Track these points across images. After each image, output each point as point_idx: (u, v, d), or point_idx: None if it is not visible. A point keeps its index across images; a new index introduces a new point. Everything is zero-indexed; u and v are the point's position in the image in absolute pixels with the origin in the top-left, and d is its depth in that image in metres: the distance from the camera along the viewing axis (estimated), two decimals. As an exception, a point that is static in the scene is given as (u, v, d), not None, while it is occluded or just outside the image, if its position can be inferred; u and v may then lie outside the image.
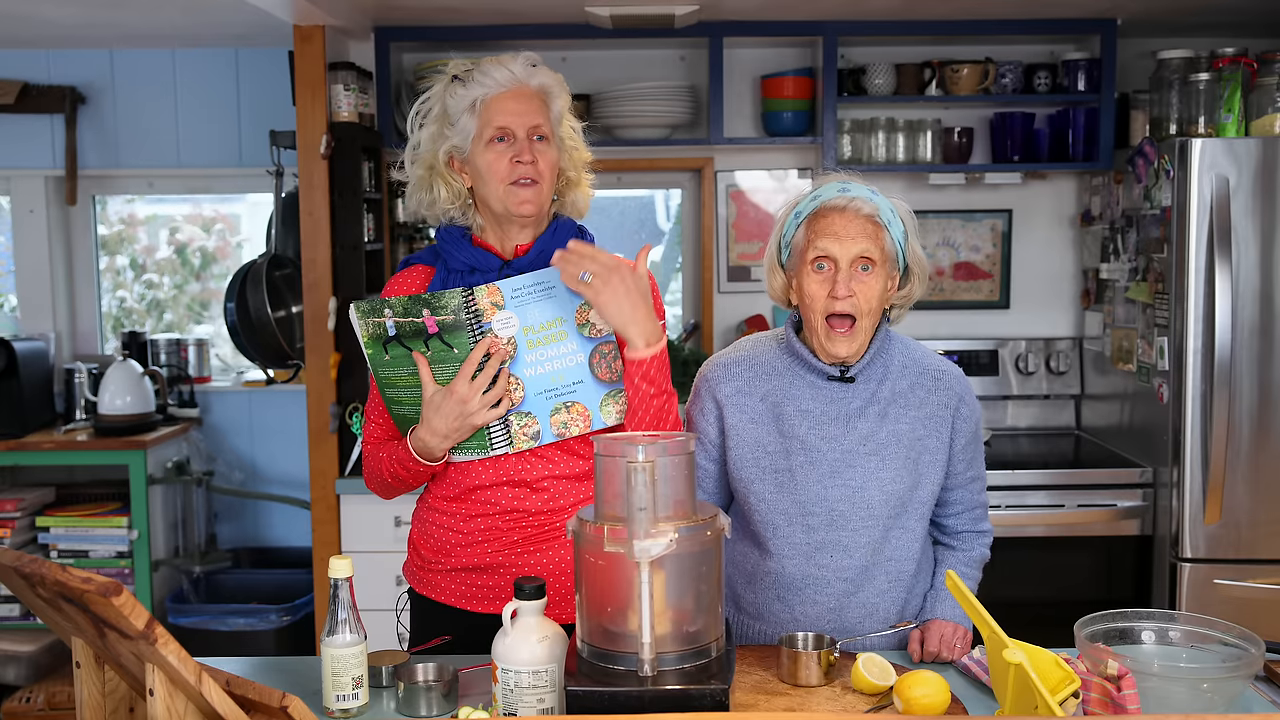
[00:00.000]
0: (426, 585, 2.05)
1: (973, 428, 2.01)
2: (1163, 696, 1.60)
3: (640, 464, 1.52)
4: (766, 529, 1.97)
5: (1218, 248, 3.13)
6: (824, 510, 1.94)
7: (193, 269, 4.48)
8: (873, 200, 1.90)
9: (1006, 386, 3.97)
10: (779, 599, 1.99)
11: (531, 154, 1.90)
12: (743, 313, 4.06)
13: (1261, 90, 3.32)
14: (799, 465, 1.94)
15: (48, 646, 3.75)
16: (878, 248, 1.88)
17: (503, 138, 1.90)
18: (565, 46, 3.91)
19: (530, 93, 1.92)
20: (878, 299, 1.90)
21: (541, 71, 1.95)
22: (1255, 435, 3.19)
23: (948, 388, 1.98)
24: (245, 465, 4.22)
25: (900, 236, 1.92)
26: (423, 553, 2.05)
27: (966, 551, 2.07)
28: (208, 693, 1.29)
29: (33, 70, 4.09)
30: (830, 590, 1.96)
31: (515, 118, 1.90)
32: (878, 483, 1.93)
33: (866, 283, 1.88)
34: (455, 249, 1.97)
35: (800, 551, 1.96)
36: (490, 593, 2.00)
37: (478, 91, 1.90)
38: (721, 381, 2.01)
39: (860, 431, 1.94)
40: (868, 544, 1.95)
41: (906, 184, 4.00)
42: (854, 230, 1.87)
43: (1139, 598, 3.41)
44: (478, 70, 1.91)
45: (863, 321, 1.89)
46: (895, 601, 1.99)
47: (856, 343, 1.91)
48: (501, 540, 1.97)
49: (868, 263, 1.88)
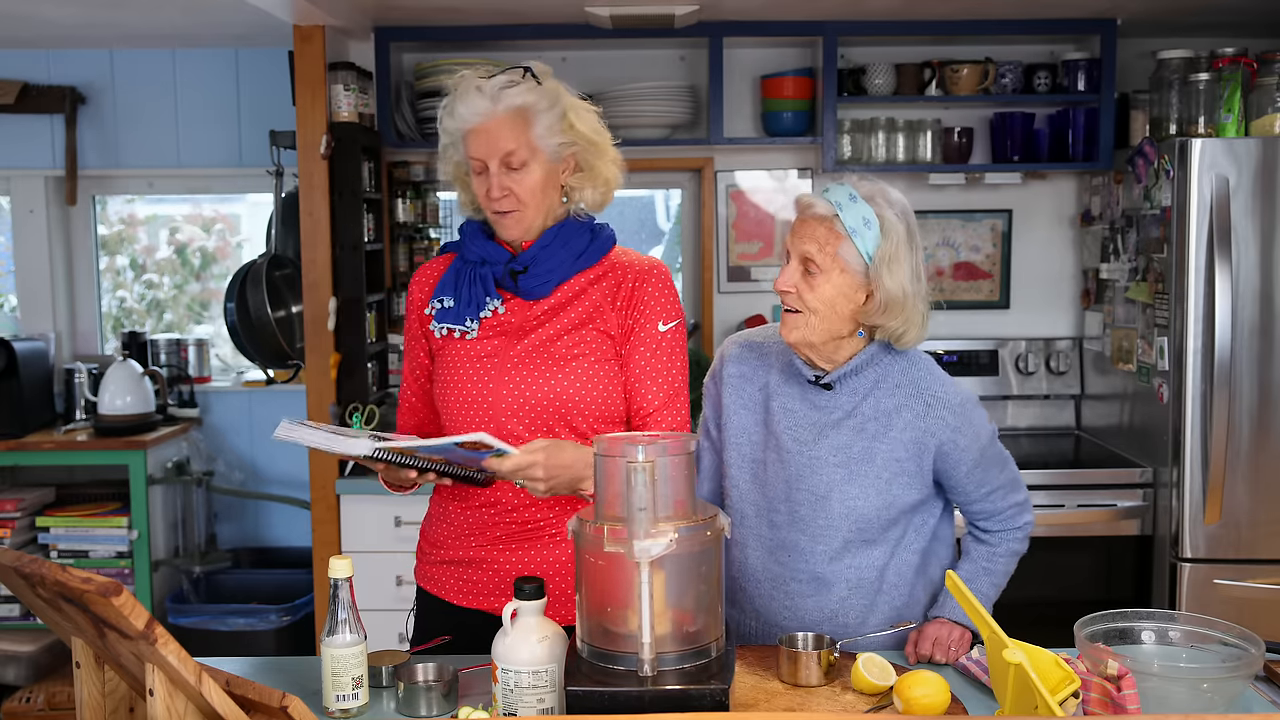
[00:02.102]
0: (424, 577, 2.09)
1: (975, 455, 1.96)
2: (1163, 696, 1.60)
3: (640, 464, 1.52)
4: (738, 516, 2.02)
5: (1218, 248, 3.13)
6: (787, 510, 1.97)
7: (193, 269, 4.48)
8: (839, 204, 1.86)
9: (1006, 386, 3.97)
10: (742, 589, 2.03)
11: (502, 187, 1.93)
12: (743, 313, 4.06)
13: (1261, 90, 3.32)
14: (771, 461, 1.98)
15: (48, 646, 3.75)
16: (826, 253, 1.86)
17: (480, 169, 1.95)
18: (565, 46, 3.91)
19: (503, 120, 1.91)
20: (824, 303, 1.88)
21: (517, 91, 1.92)
22: (1255, 435, 3.19)
23: (938, 417, 1.92)
24: (245, 465, 4.21)
25: (869, 247, 1.85)
26: (422, 544, 2.10)
27: (993, 547, 2.05)
28: (208, 693, 1.29)
29: (33, 70, 4.09)
30: (788, 590, 1.98)
31: (486, 148, 1.93)
32: (841, 496, 1.93)
33: (810, 282, 1.88)
34: (472, 241, 2.03)
35: (765, 545, 2.00)
36: (475, 587, 2.01)
37: (454, 124, 1.96)
38: (730, 361, 2.07)
39: (832, 442, 1.94)
40: (825, 552, 1.95)
41: (906, 184, 4.00)
42: (806, 230, 1.89)
43: (1139, 598, 3.41)
44: (455, 97, 1.95)
45: (808, 317, 1.89)
46: (855, 609, 1.98)
47: (798, 331, 1.91)
48: (487, 535, 1.99)
49: (812, 265, 1.88)
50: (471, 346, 1.98)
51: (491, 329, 1.98)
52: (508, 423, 1.94)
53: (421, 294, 2.08)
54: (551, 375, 1.94)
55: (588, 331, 1.97)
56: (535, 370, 1.94)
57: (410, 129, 3.79)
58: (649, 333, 1.98)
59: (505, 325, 1.98)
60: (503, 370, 1.95)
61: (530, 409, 1.94)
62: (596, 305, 1.98)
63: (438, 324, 2.01)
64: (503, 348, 1.97)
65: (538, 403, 1.94)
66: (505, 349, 1.97)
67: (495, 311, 1.98)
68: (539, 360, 1.95)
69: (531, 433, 1.93)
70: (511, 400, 1.94)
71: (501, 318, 1.98)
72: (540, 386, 1.94)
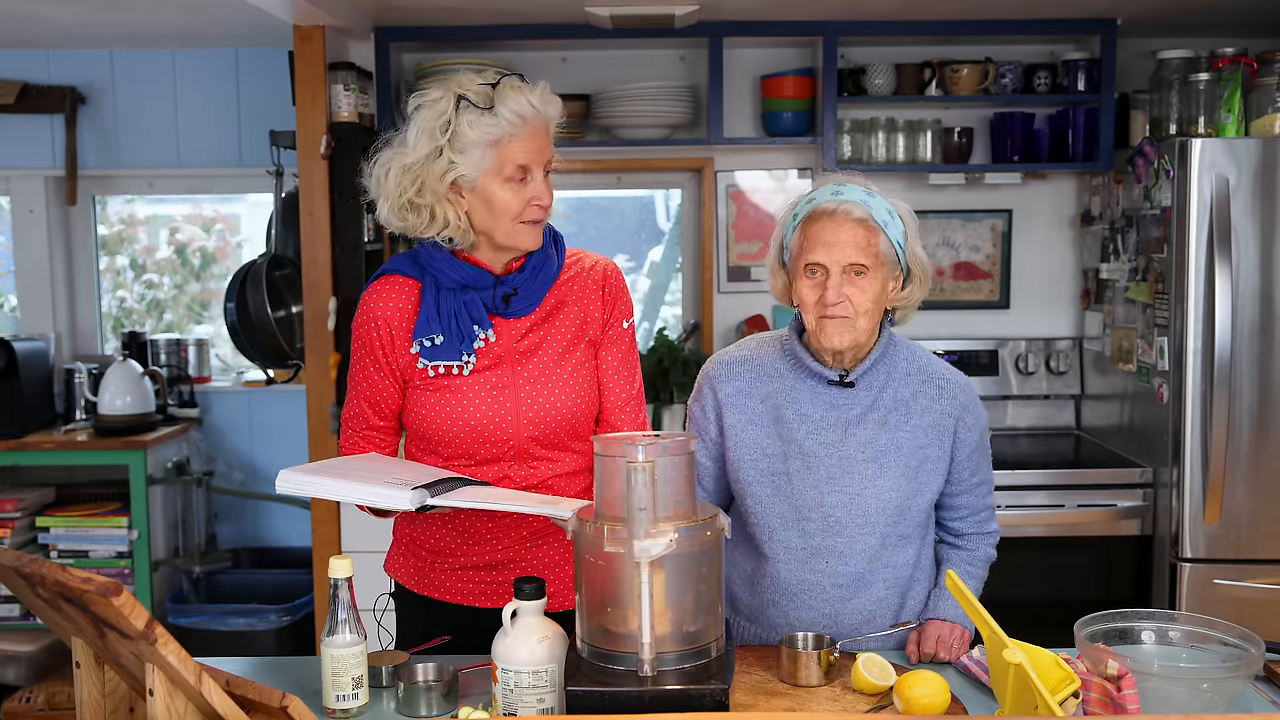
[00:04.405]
0: (429, 585, 2.05)
1: (977, 436, 1.99)
2: (1163, 696, 1.60)
3: (640, 464, 1.52)
4: (763, 532, 1.97)
5: (1218, 248, 3.13)
6: (820, 516, 1.93)
7: (193, 269, 4.48)
8: (866, 203, 1.87)
9: (1006, 386, 3.97)
10: (774, 604, 1.98)
11: (549, 195, 1.90)
12: (743, 313, 4.06)
13: (1261, 90, 3.32)
14: (796, 470, 1.94)
15: (48, 646, 3.75)
16: (870, 253, 1.86)
17: (522, 177, 1.87)
18: (565, 46, 3.90)
19: (545, 125, 1.89)
20: (872, 301, 1.88)
21: (554, 100, 1.91)
22: (1255, 435, 3.19)
23: (952, 397, 1.96)
24: (245, 465, 4.21)
25: (899, 237, 1.90)
26: (421, 553, 2.05)
27: (971, 551, 2.07)
28: (208, 693, 1.29)
29: (33, 70, 4.09)
30: (825, 596, 1.96)
31: (535, 155, 1.87)
32: (875, 490, 1.92)
33: (860, 286, 1.86)
34: (445, 266, 1.91)
35: (796, 556, 1.96)
36: (502, 589, 2.00)
37: (501, 130, 1.83)
38: (723, 380, 2.01)
39: (859, 438, 1.93)
40: (864, 551, 1.94)
41: (906, 184, 4.00)
42: (844, 237, 1.85)
43: (1139, 598, 3.41)
44: (499, 100, 1.82)
45: (858, 320, 1.88)
46: (891, 607, 1.99)
47: (850, 335, 1.88)
48: (512, 535, 1.98)
49: (860, 269, 1.86)
50: (472, 380, 1.93)
51: (485, 357, 1.93)
52: (527, 446, 1.95)
53: (390, 326, 1.94)
54: (563, 395, 1.95)
55: (585, 345, 1.98)
56: (547, 393, 1.94)
57: (410, 129, 3.79)
58: (618, 330, 2.02)
59: (497, 350, 1.94)
60: (516, 400, 1.93)
61: (547, 431, 1.95)
62: (583, 313, 1.99)
63: (428, 362, 1.92)
64: (507, 377, 1.93)
65: (554, 424, 1.95)
66: (511, 379, 1.93)
67: (486, 339, 1.93)
68: (548, 383, 1.95)
69: (544, 449, 1.95)
70: (530, 427, 1.94)
71: (491, 343, 1.94)
72: (555, 408, 1.94)
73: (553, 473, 1.97)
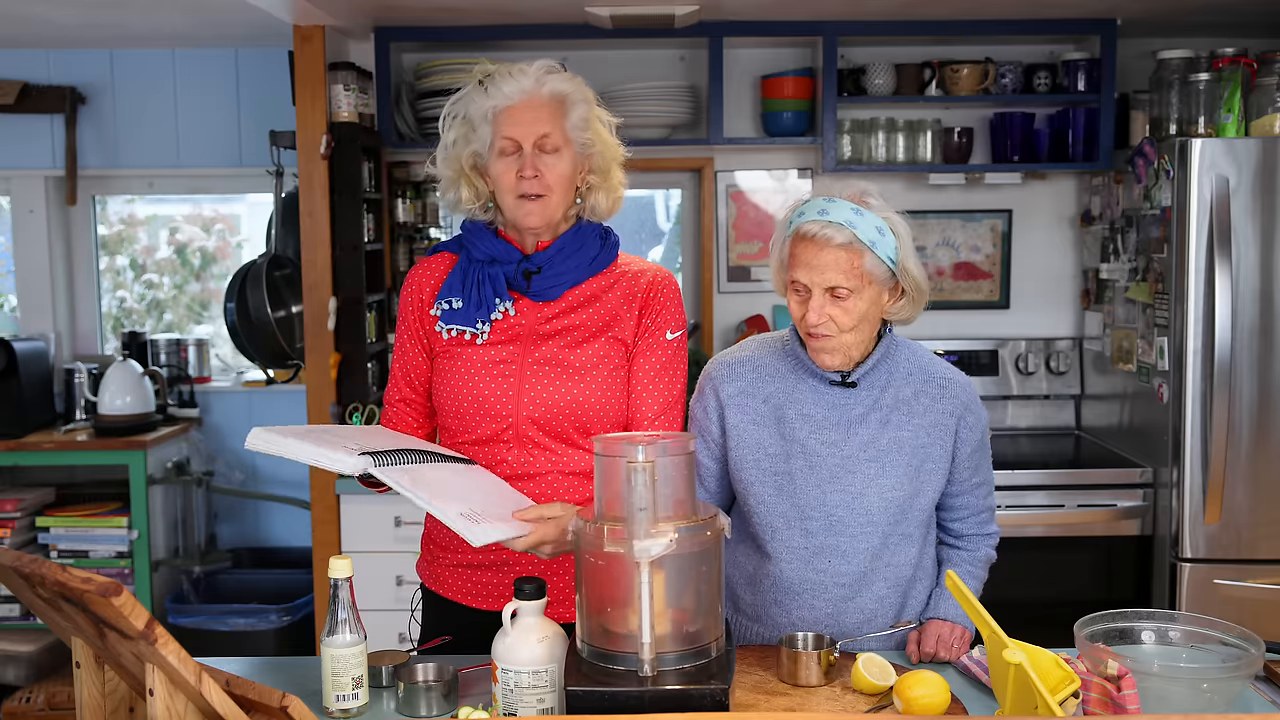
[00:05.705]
0: (435, 580, 2.07)
1: (978, 436, 1.99)
2: (1163, 696, 1.60)
3: (640, 464, 1.52)
4: (765, 531, 1.97)
5: (1218, 248, 3.13)
6: (823, 515, 1.94)
7: (193, 269, 4.48)
8: (852, 223, 1.82)
9: (1006, 386, 3.97)
10: (776, 603, 1.99)
11: (535, 168, 1.91)
12: (743, 313, 4.06)
13: (1261, 90, 3.32)
14: (799, 469, 1.94)
15: (48, 646, 3.75)
16: (854, 274, 1.83)
17: (512, 150, 1.92)
18: (565, 46, 3.90)
19: (541, 102, 1.92)
20: (859, 318, 1.87)
21: (558, 78, 1.94)
22: (1255, 435, 3.19)
23: (953, 396, 1.96)
24: (245, 465, 4.21)
25: (890, 253, 1.85)
26: (431, 547, 2.08)
27: (972, 552, 2.07)
28: (208, 693, 1.29)
29: (33, 70, 4.09)
30: (828, 595, 1.96)
31: (523, 128, 1.91)
32: (877, 490, 1.93)
33: (843, 307, 1.85)
34: (479, 239, 2.00)
35: (799, 556, 1.96)
36: (494, 590, 2.00)
37: (492, 102, 1.92)
38: (725, 381, 2.01)
39: (861, 438, 1.93)
40: (866, 550, 1.94)
41: (906, 184, 4.00)
42: (826, 260, 1.83)
43: (1139, 598, 3.41)
44: (495, 78, 1.93)
45: (843, 337, 1.88)
46: (893, 606, 1.99)
47: (840, 356, 1.90)
48: None
49: (843, 290, 1.84)
50: (483, 351, 1.96)
51: (502, 332, 1.97)
52: (527, 429, 1.95)
53: (422, 294, 2.04)
54: (570, 384, 1.95)
55: (605, 340, 1.98)
56: (553, 379, 1.95)
57: (410, 129, 3.79)
58: (658, 339, 2.00)
59: (516, 328, 1.97)
60: (521, 379, 1.95)
61: (548, 417, 1.95)
62: (613, 312, 1.99)
63: (444, 325, 1.98)
64: (518, 354, 1.96)
65: (557, 411, 1.94)
66: (521, 356, 1.96)
67: (505, 313, 1.97)
68: (558, 369, 1.95)
69: (546, 438, 1.95)
70: (530, 408, 1.94)
71: (512, 320, 1.97)
72: (559, 395, 1.94)
73: (552, 466, 1.96)
